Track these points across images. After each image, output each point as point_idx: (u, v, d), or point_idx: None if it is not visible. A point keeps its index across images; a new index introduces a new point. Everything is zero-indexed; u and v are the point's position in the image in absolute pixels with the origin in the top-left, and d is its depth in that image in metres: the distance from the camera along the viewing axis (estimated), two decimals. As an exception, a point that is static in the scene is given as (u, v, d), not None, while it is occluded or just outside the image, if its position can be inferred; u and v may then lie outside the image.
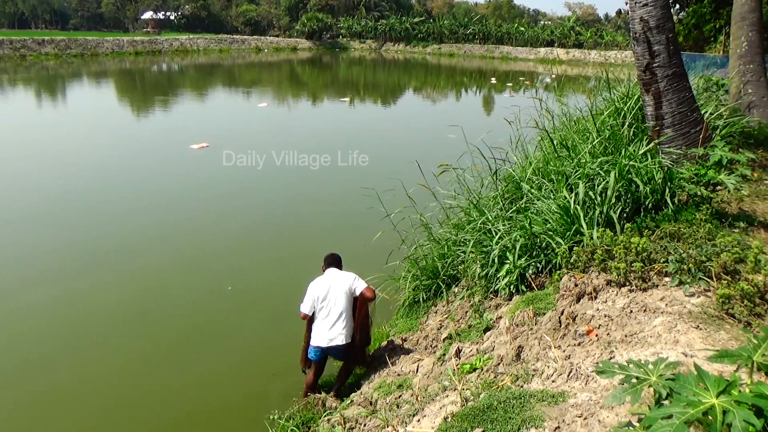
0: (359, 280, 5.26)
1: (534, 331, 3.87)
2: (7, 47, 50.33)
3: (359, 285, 5.21)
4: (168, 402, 5.77)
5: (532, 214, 5.27)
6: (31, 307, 7.45)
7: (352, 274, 5.36)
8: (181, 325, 7.22)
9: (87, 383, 5.99)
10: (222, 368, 6.24)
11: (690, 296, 3.37)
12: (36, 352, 6.52)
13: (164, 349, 6.66)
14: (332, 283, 5.23)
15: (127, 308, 7.52)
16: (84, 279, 8.27)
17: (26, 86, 34.70)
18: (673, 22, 5.66)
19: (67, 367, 6.28)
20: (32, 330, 6.94)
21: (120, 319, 7.27)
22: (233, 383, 5.96)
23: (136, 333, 6.97)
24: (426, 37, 79.84)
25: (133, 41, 62.51)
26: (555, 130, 7.21)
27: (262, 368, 6.21)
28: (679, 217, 4.49)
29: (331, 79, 48.53)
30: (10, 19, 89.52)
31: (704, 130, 5.56)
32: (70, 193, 12.50)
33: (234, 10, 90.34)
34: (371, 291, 5.20)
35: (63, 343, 6.76)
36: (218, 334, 6.97)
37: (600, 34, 71.15)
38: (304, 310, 5.25)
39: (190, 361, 6.40)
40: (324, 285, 5.24)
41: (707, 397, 1.77)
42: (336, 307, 5.15)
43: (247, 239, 10.15)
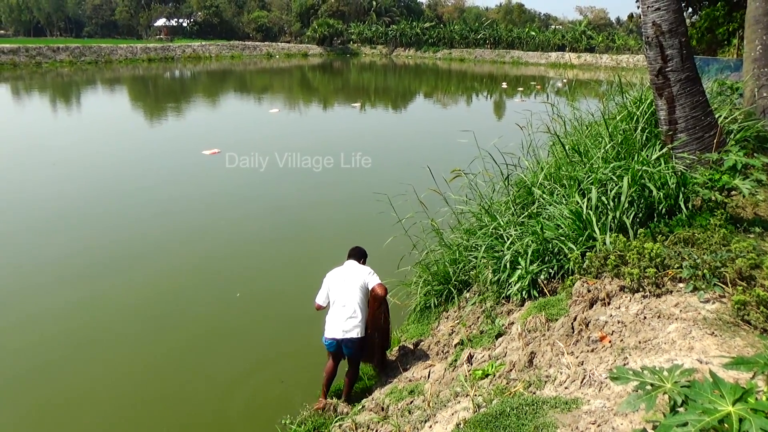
0: (373, 276, 5.20)
1: (546, 337, 3.85)
2: (23, 55, 51.11)
3: (372, 280, 5.15)
4: (179, 407, 5.80)
5: (544, 219, 5.25)
6: (46, 312, 7.54)
7: (368, 268, 5.31)
8: (192, 330, 7.26)
9: (99, 388, 6.05)
10: (233, 373, 6.26)
11: (705, 302, 3.34)
12: (50, 356, 6.59)
13: (176, 355, 6.72)
14: (348, 275, 5.18)
15: (139, 314, 7.59)
16: (96, 284, 8.35)
17: (42, 93, 35.21)
18: (686, 26, 5.63)
19: (80, 372, 6.34)
20: (47, 335, 7.02)
21: (132, 325, 7.33)
22: (244, 388, 5.97)
23: (147, 339, 7.03)
24: (436, 42, 80.00)
25: (147, 48, 63.21)
26: (567, 135, 7.18)
27: (274, 374, 6.23)
28: (693, 222, 4.45)
29: (341, 84, 48.74)
30: (26, 27, 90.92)
31: (718, 135, 5.51)
32: (84, 199, 12.63)
33: (246, 17, 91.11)
34: (382, 288, 5.13)
35: (76, 349, 6.82)
36: (229, 340, 7.00)
37: (612, 38, 70.89)
38: (318, 300, 5.23)
39: (202, 366, 6.44)
40: (339, 276, 5.20)
41: (723, 404, 1.75)
42: (350, 299, 5.06)
43: (259, 244, 10.21)
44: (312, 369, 5.86)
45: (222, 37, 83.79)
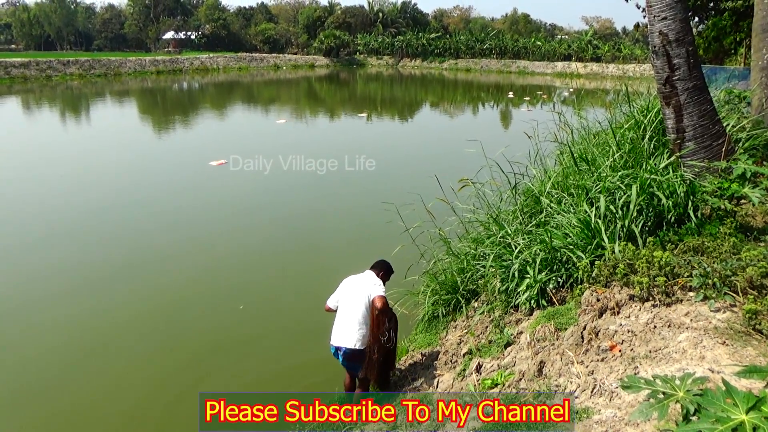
0: (378, 287, 5.03)
1: (556, 347, 3.83)
2: (34, 68, 51.73)
3: (374, 291, 4.98)
4: (183, 419, 5.73)
5: (552, 228, 5.24)
6: (52, 322, 7.58)
7: (379, 281, 5.15)
8: (195, 342, 7.25)
9: (102, 399, 6.05)
10: (237, 386, 6.24)
11: (715, 311, 3.31)
12: (55, 366, 6.62)
13: (182, 365, 6.69)
14: (359, 284, 5.10)
15: (143, 325, 7.59)
16: (101, 295, 8.37)
17: (52, 105, 35.58)
18: (692, 35, 5.63)
19: (84, 383, 6.35)
20: (51, 345, 7.05)
21: (136, 336, 7.33)
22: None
23: (150, 351, 7.02)
24: (443, 52, 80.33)
25: (155, 61, 63.83)
26: (574, 144, 7.18)
27: (279, 386, 6.19)
28: (703, 230, 4.43)
29: (348, 95, 48.97)
30: (37, 41, 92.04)
31: (727, 143, 5.49)
32: (90, 211, 12.66)
33: (253, 29, 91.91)
34: (381, 300, 4.89)
35: (80, 359, 6.83)
36: (233, 352, 6.98)
37: (618, 47, 70.85)
38: (329, 302, 5.21)
39: (206, 378, 6.41)
40: (352, 284, 5.14)
41: (736, 413, 1.73)
42: (354, 308, 4.96)
43: (268, 255, 10.24)
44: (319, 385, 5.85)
45: (230, 49, 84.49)
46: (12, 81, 48.18)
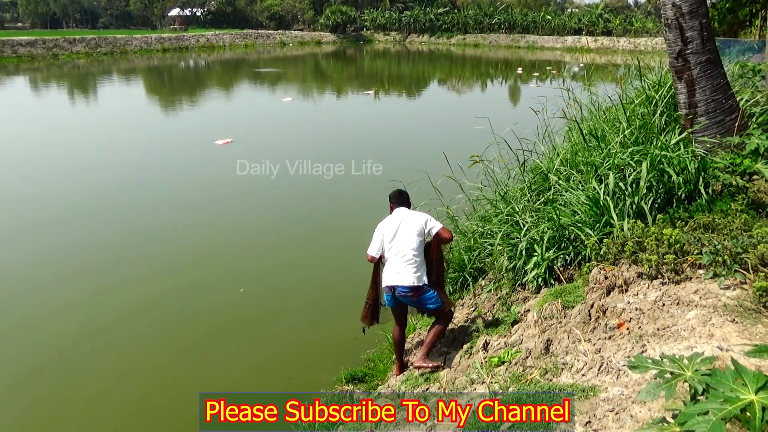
0: (434, 221, 4.86)
1: (563, 325, 3.82)
2: (41, 47, 51.57)
3: (435, 225, 4.79)
4: (187, 405, 5.74)
5: (560, 205, 5.19)
6: (55, 308, 7.56)
7: (424, 214, 4.97)
8: (200, 326, 7.18)
9: (109, 383, 6.04)
10: (240, 369, 6.26)
11: (725, 289, 3.28)
12: (61, 353, 6.58)
13: (185, 349, 6.68)
14: (402, 222, 4.83)
15: (149, 309, 7.56)
16: (106, 278, 8.36)
17: (59, 84, 35.56)
18: (706, 7, 5.49)
19: (90, 367, 6.34)
20: (57, 330, 7.03)
21: (140, 319, 7.31)
22: (253, 384, 5.93)
23: (155, 335, 7.00)
24: (450, 27, 79.12)
25: (161, 38, 63.40)
26: (583, 120, 7.07)
27: (283, 370, 6.25)
28: (714, 207, 4.37)
29: (355, 72, 48.51)
30: (43, 19, 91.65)
31: (740, 118, 5.39)
32: (99, 193, 12.60)
33: (259, 5, 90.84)
34: (448, 232, 4.83)
35: (85, 343, 6.80)
36: (238, 336, 6.94)
37: (629, 20, 69.46)
38: (371, 251, 4.87)
39: (209, 363, 6.39)
40: (393, 224, 4.85)
41: (745, 393, 1.72)
42: (406, 247, 4.70)
43: (273, 236, 10.24)
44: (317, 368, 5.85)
45: (235, 26, 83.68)
46: (19, 60, 48.11)
